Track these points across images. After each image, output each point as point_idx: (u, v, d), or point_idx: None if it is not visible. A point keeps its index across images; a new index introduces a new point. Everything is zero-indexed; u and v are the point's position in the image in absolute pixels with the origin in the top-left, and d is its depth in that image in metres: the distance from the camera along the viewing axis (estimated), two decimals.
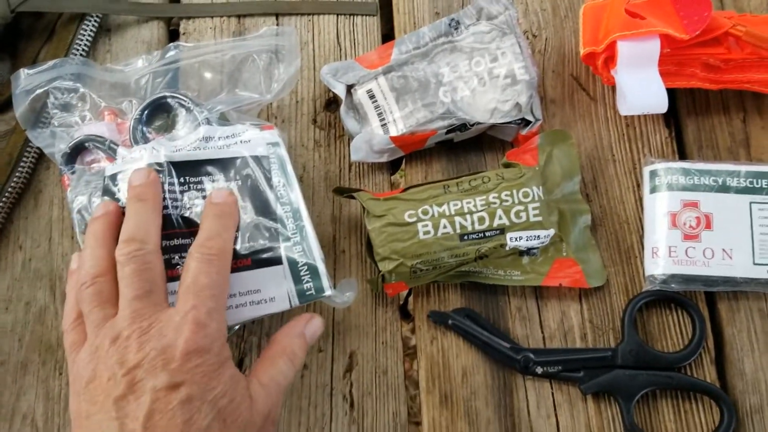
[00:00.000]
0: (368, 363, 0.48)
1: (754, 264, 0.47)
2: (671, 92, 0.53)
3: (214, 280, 0.38)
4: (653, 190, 0.49)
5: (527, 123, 0.50)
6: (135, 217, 0.40)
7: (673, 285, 0.48)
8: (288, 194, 0.47)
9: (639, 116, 0.53)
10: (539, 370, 0.47)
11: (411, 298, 0.51)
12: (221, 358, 0.36)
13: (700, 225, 0.48)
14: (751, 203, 0.48)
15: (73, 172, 0.47)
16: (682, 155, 0.53)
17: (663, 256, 0.48)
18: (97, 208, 0.42)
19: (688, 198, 0.48)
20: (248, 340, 0.48)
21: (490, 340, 0.48)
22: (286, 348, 0.41)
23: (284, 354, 0.40)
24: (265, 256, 0.45)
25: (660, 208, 0.49)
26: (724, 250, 0.47)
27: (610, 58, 0.49)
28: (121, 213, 0.41)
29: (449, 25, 0.51)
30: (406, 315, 0.51)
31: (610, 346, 0.48)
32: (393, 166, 0.53)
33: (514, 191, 0.47)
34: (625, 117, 0.53)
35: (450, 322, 0.48)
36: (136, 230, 0.39)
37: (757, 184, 0.48)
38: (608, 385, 0.46)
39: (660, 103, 0.47)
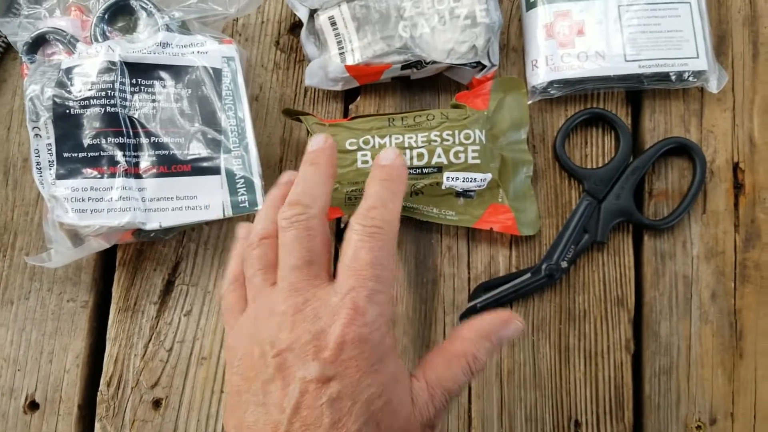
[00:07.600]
0: None
1: (626, 61, 0.50)
2: None
3: (376, 257, 0.33)
4: (529, 7, 0.52)
5: (483, 67, 0.50)
6: (303, 181, 0.37)
7: (552, 91, 0.51)
8: (236, 109, 0.48)
9: None
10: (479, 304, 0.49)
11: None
12: (381, 350, 0.32)
13: (573, 32, 0.51)
14: (618, 6, 0.51)
15: (32, 62, 0.48)
16: None
17: (542, 66, 0.51)
18: (280, 178, 0.40)
19: (560, 9, 0.51)
20: (186, 246, 0.50)
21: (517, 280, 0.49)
22: (468, 350, 0.34)
23: (464, 356, 0.34)
24: (205, 164, 0.47)
25: (536, 22, 0.52)
26: (597, 52, 0.50)
27: None
28: None
29: None
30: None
31: None
32: (349, 97, 0.54)
33: (456, 132, 0.48)
34: None
35: (478, 305, 0.49)
36: (302, 194, 0.36)
37: None
38: None
39: None
